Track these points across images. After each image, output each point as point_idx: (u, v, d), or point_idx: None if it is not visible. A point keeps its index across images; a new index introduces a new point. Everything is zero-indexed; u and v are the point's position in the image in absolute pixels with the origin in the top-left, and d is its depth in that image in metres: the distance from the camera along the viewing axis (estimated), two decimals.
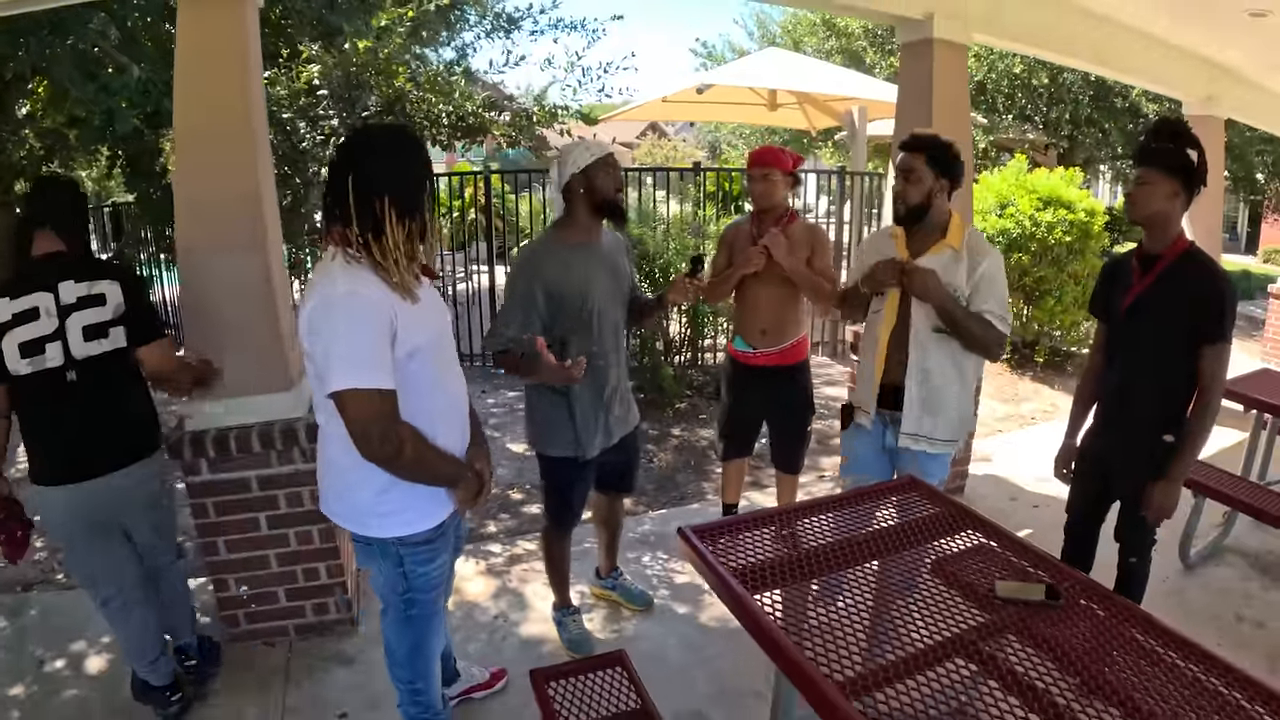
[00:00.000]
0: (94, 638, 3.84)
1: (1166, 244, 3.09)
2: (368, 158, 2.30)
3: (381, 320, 2.25)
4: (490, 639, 3.89)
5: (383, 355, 2.25)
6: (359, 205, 2.25)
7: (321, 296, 2.25)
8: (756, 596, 2.09)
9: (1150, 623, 2.09)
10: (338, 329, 2.21)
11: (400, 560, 2.56)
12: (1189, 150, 2.99)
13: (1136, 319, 3.19)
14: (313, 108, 6.12)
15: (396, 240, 2.28)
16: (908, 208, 3.31)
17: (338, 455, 2.43)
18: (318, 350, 2.24)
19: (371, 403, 2.21)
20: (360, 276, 2.26)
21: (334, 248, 2.32)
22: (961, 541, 2.52)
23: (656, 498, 5.66)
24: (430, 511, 2.55)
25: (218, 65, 3.40)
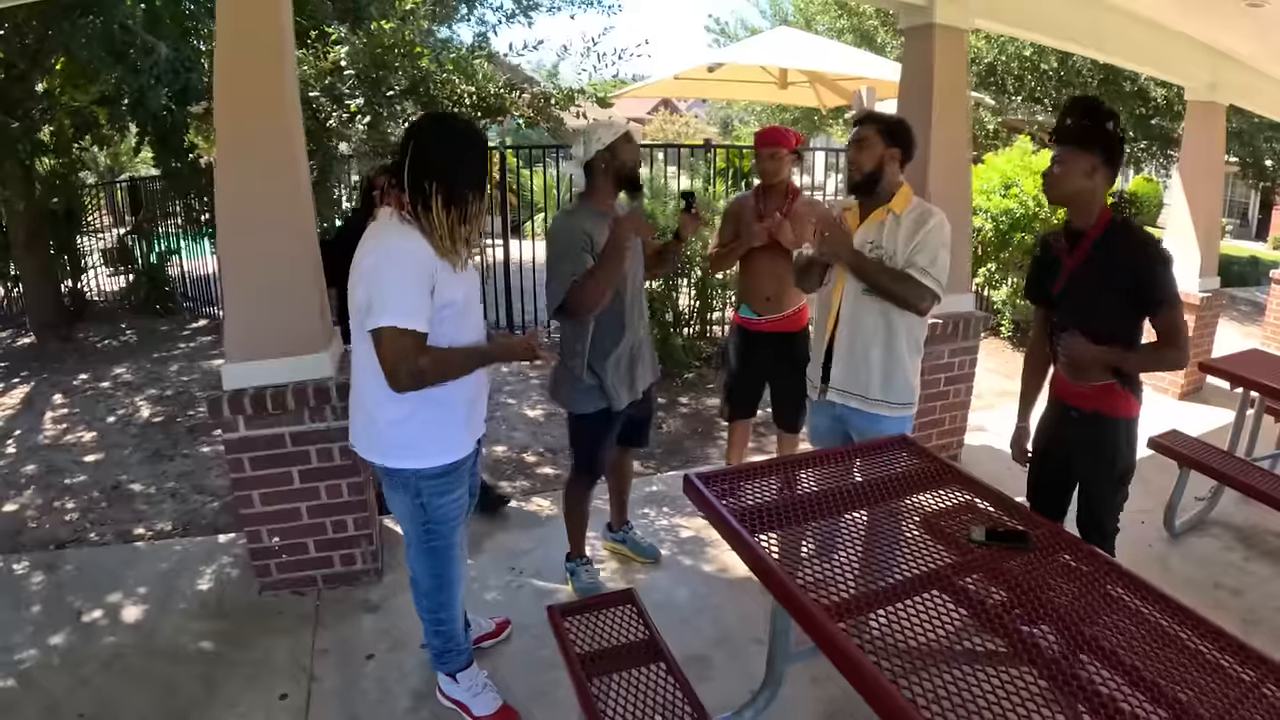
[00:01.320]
0: (131, 589, 4.02)
1: (1091, 220, 3.09)
2: (425, 142, 2.59)
3: (424, 272, 2.56)
4: (506, 588, 4.09)
5: (423, 301, 2.55)
6: (412, 181, 2.57)
7: (376, 246, 2.58)
8: (757, 536, 2.30)
9: (1115, 569, 2.29)
10: (386, 274, 2.52)
11: (418, 491, 2.83)
12: (1106, 124, 2.99)
13: (1073, 297, 3.18)
14: (338, 87, 6.29)
15: (441, 219, 2.57)
16: (861, 175, 3.40)
17: (366, 388, 2.75)
18: (367, 292, 2.54)
19: (404, 340, 2.51)
20: (410, 234, 2.58)
21: (391, 209, 2.65)
22: (945, 493, 2.72)
23: (665, 460, 5.88)
24: (446, 447, 2.84)
25: (257, 44, 3.58)
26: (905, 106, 5.11)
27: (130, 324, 10.22)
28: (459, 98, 7.03)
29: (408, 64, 6.56)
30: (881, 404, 3.49)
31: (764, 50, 9.78)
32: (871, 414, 3.51)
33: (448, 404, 2.79)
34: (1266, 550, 4.65)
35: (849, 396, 3.53)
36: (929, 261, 3.30)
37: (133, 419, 6.80)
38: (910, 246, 3.32)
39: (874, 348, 3.45)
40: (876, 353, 3.45)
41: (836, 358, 3.54)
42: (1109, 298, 3.04)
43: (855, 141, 3.43)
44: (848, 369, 3.51)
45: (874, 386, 3.48)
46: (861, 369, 3.48)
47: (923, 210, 3.38)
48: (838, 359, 3.54)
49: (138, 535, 4.74)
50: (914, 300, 3.32)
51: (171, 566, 4.22)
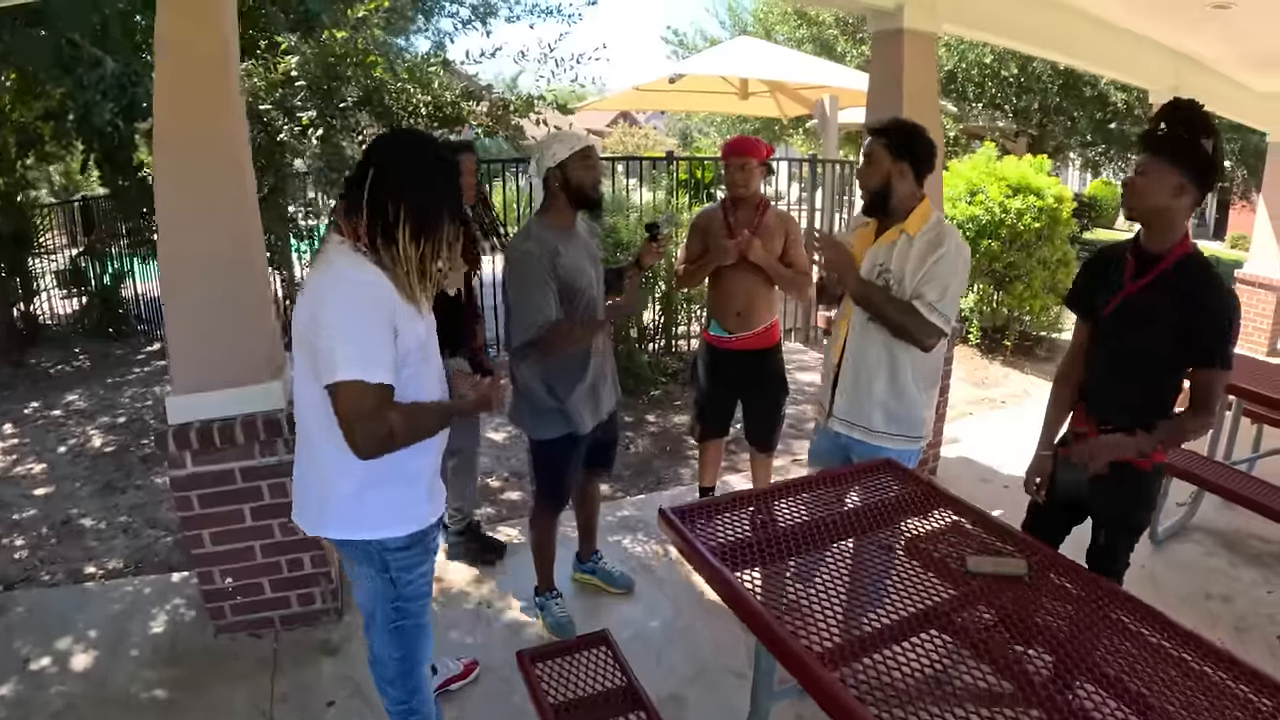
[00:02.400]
0: (81, 634, 3.84)
1: (1167, 245, 2.71)
2: (391, 161, 2.25)
3: (385, 311, 2.20)
4: (474, 626, 3.92)
5: (386, 347, 2.20)
6: (373, 206, 2.20)
7: (328, 280, 2.22)
8: (737, 574, 2.15)
9: (1116, 595, 2.16)
10: (343, 316, 2.16)
11: (386, 565, 2.47)
12: (1202, 140, 2.61)
13: (1122, 324, 2.84)
14: (290, 99, 6.11)
15: (409, 253, 2.22)
16: (868, 193, 3.23)
17: (319, 451, 2.38)
18: (320, 337, 2.16)
19: (369, 396, 2.14)
20: (365, 267, 2.22)
21: (343, 237, 2.28)
22: (934, 519, 2.59)
23: (634, 483, 5.69)
24: (413, 514, 2.48)
25: (197, 54, 3.40)
26: (874, 113, 4.99)
27: (84, 348, 9.90)
28: (415, 108, 6.86)
29: (360, 74, 6.38)
30: (884, 436, 3.32)
31: (725, 60, 9.77)
32: (875, 445, 3.32)
33: (412, 470, 2.43)
34: (1251, 554, 4.63)
35: (852, 428, 3.38)
36: (938, 295, 3.08)
37: (84, 449, 6.54)
38: (919, 275, 3.11)
39: (878, 380, 3.28)
40: (880, 385, 3.28)
41: (840, 388, 3.38)
42: (1163, 336, 2.71)
43: (862, 155, 3.25)
44: (851, 400, 3.36)
45: (877, 419, 3.31)
46: (865, 401, 3.32)
47: (937, 234, 3.14)
48: (841, 389, 3.38)
49: (89, 575, 4.52)
50: (918, 336, 3.13)
51: (123, 608, 4.03)
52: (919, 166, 3.18)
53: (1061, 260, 8.57)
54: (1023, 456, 3.37)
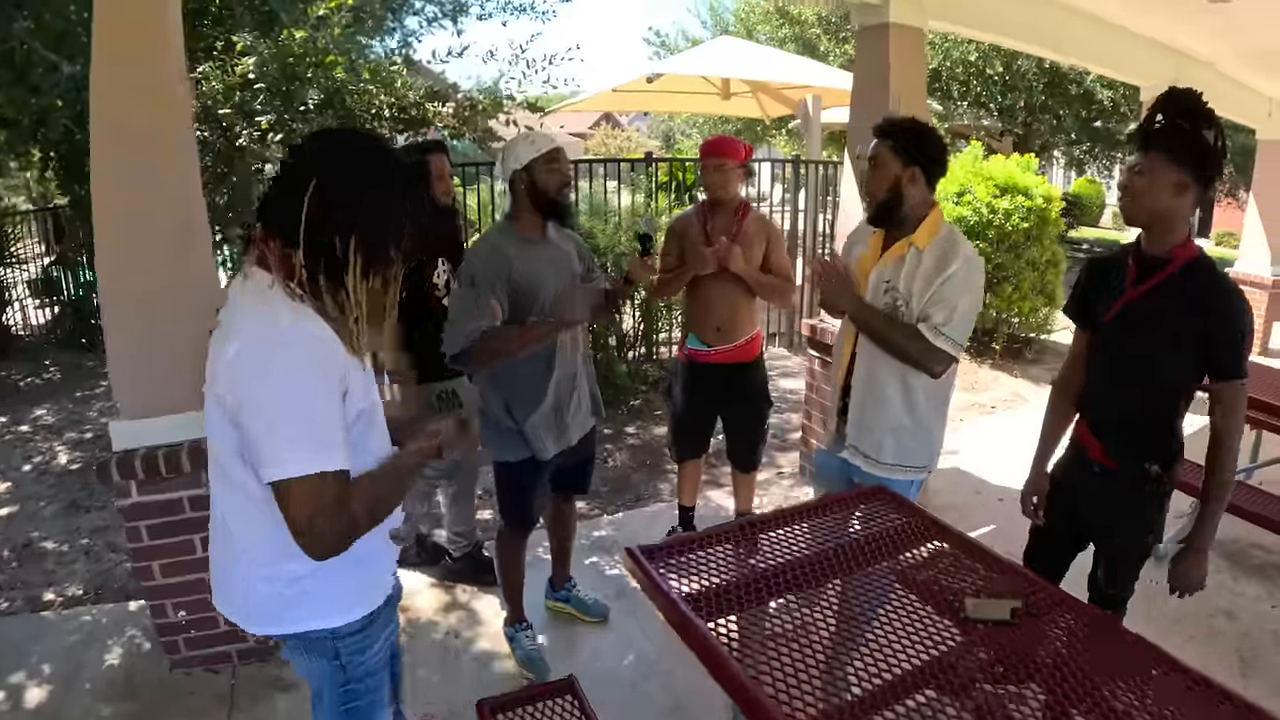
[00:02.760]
0: (35, 667, 3.67)
1: (1170, 247, 2.52)
2: (336, 179, 1.75)
3: (335, 374, 1.78)
4: (441, 659, 3.73)
5: (337, 423, 1.78)
6: (312, 232, 1.72)
7: (258, 333, 1.73)
8: (712, 625, 1.94)
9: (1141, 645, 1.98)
10: (289, 393, 1.70)
11: (336, 653, 2.05)
12: (1204, 130, 2.39)
13: (1123, 330, 2.64)
14: (249, 102, 5.90)
15: (358, 294, 1.78)
16: (874, 202, 2.95)
17: (250, 542, 1.91)
18: (254, 416, 1.71)
19: (325, 491, 1.72)
20: (306, 316, 1.77)
21: (266, 271, 1.79)
22: (929, 555, 2.39)
23: (611, 499, 5.51)
24: (366, 594, 2.09)
25: (137, 49, 3.19)
26: (860, 111, 4.84)
27: (55, 360, 9.74)
28: (378, 110, 6.62)
29: (320, 75, 6.14)
30: (895, 468, 3.08)
31: (705, 60, 9.70)
32: (882, 477, 3.05)
33: (365, 548, 1.92)
34: (1252, 566, 4.54)
35: (857, 455, 3.13)
36: (945, 318, 2.82)
37: (50, 466, 6.37)
38: (927, 296, 2.85)
39: (890, 407, 3.03)
40: (893, 413, 3.03)
41: (851, 413, 3.13)
42: (1167, 342, 2.53)
43: (869, 160, 2.97)
44: (860, 428, 3.10)
45: (887, 450, 3.06)
46: (876, 429, 3.06)
47: (948, 247, 2.87)
48: (852, 415, 3.13)
49: (47, 602, 4.36)
50: (924, 362, 2.88)
51: (80, 639, 3.86)
52: (931, 170, 2.92)
53: (1051, 261, 8.46)
54: (1017, 466, 3.19)
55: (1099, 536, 2.84)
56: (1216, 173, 2.46)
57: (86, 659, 3.71)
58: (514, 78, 7.32)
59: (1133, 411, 2.67)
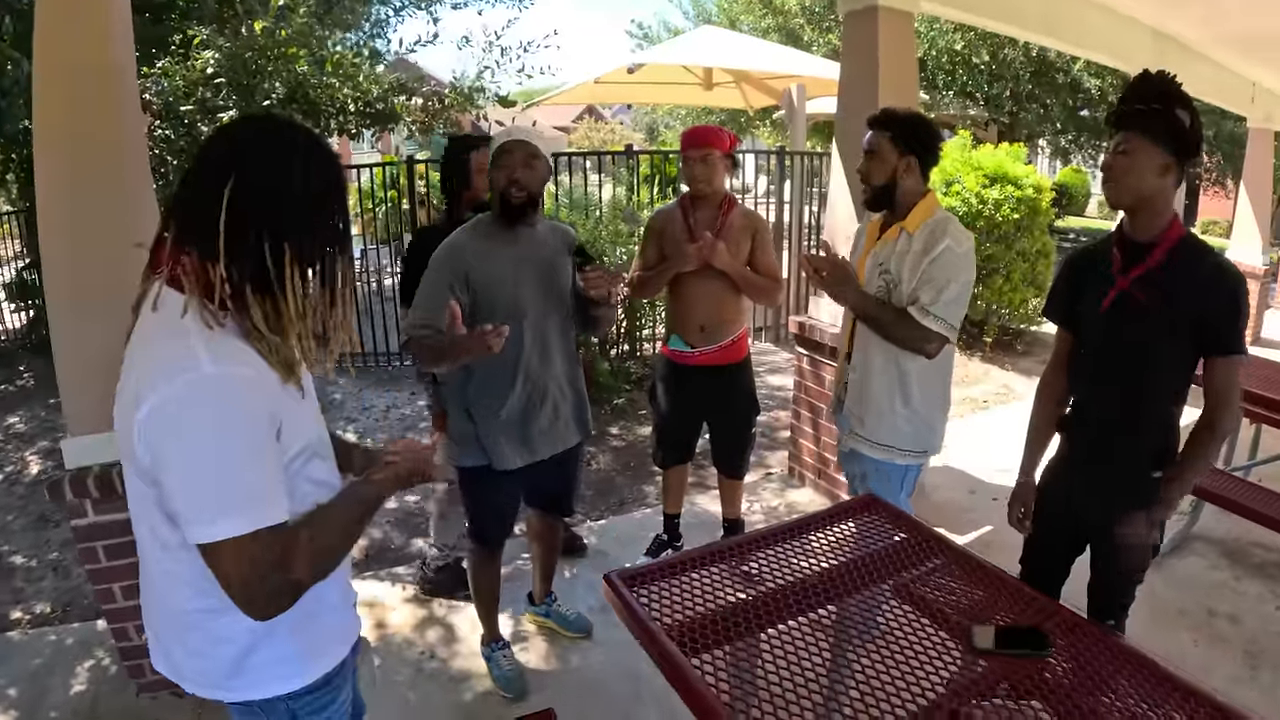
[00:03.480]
0: (1, 690, 3.55)
1: (1157, 232, 2.45)
2: (261, 163, 1.52)
3: (263, 419, 1.53)
4: (416, 678, 3.57)
5: (272, 472, 1.56)
6: (233, 238, 1.47)
7: (173, 384, 1.45)
8: (697, 661, 1.79)
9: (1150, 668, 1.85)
10: (204, 441, 1.46)
11: (291, 715, 1.82)
12: (1179, 111, 2.35)
13: (1119, 321, 2.53)
14: (211, 98, 5.73)
15: (299, 307, 1.55)
16: (871, 189, 3.04)
17: (187, 600, 1.66)
18: (171, 474, 1.48)
19: (260, 551, 1.49)
20: (226, 347, 1.50)
21: (179, 292, 1.53)
22: (927, 574, 2.25)
23: (595, 504, 5.36)
24: (326, 650, 1.85)
25: (79, 42, 3.03)
26: (847, 98, 4.70)
27: (29, 365, 9.55)
28: (343, 104, 6.46)
29: (282, 68, 5.97)
30: (893, 451, 3.16)
31: (687, 50, 9.61)
32: (882, 460, 3.18)
33: (317, 602, 1.71)
34: (1254, 565, 4.44)
35: (858, 439, 3.19)
36: (932, 297, 2.88)
37: (21, 477, 6.23)
38: (916, 277, 2.92)
39: (884, 390, 3.11)
40: (887, 396, 3.11)
41: (849, 395, 3.22)
42: (1168, 329, 2.43)
43: (866, 150, 3.04)
44: (856, 409, 3.20)
45: (884, 432, 3.14)
46: (872, 411, 3.15)
47: (934, 230, 2.94)
48: (850, 397, 3.22)
49: (14, 621, 4.24)
50: (915, 344, 2.94)
51: (45, 662, 3.73)
52: (926, 159, 3.01)
53: (1041, 251, 8.37)
54: (1011, 463, 3.06)
55: (1096, 540, 2.71)
56: (1195, 153, 2.42)
57: (51, 684, 3.58)
58: (488, 65, 7.15)
59: (1128, 407, 2.58)
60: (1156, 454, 2.55)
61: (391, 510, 5.10)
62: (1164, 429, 2.57)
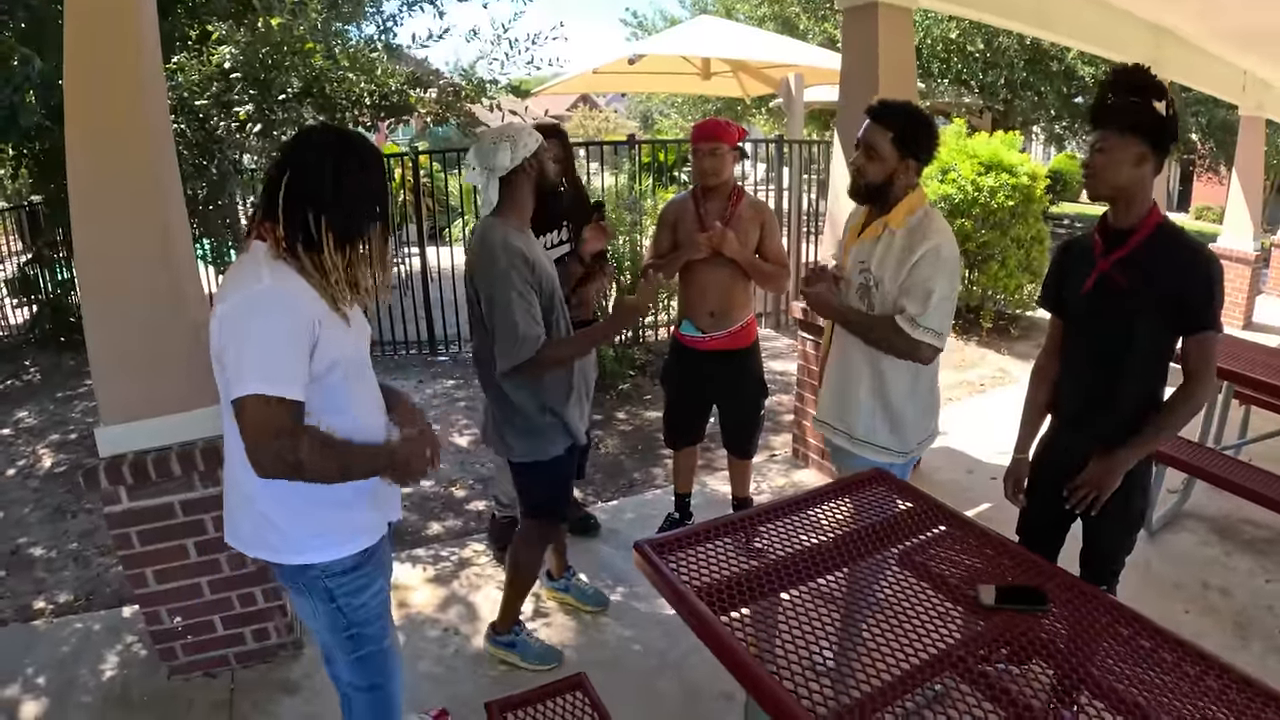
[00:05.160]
0: (30, 680, 3.59)
1: (1136, 219, 2.57)
2: (306, 164, 2.05)
3: (301, 324, 2.02)
4: (440, 655, 3.67)
5: (298, 362, 2.01)
6: (289, 213, 2.03)
7: (241, 292, 2.01)
8: (725, 619, 1.92)
9: (1139, 622, 1.98)
10: (252, 327, 1.97)
11: (330, 594, 2.26)
12: (1155, 102, 2.44)
13: (1101, 302, 2.66)
14: (226, 93, 5.79)
15: (334, 261, 2.07)
16: (867, 186, 2.93)
17: (236, 469, 2.17)
18: (229, 352, 1.99)
19: (274, 412, 1.95)
20: (285, 274, 2.04)
21: (262, 242, 2.08)
22: (933, 540, 2.38)
23: (606, 486, 5.47)
24: (352, 535, 2.27)
25: (111, 41, 3.08)
26: (848, 92, 4.79)
27: (34, 360, 9.55)
28: (358, 97, 6.51)
29: (299, 62, 6.03)
30: (868, 447, 3.10)
31: (686, 40, 9.64)
32: (857, 456, 3.12)
33: (346, 493, 2.18)
34: (1244, 540, 4.55)
35: (835, 433, 3.17)
36: (920, 308, 2.81)
37: (34, 470, 6.26)
38: (900, 278, 2.85)
39: (860, 387, 3.06)
40: (863, 393, 3.06)
41: (825, 386, 3.20)
42: (1146, 309, 2.56)
43: (863, 145, 2.91)
44: (834, 404, 3.17)
45: (860, 427, 3.09)
46: (848, 406, 3.11)
47: (920, 229, 2.86)
48: (825, 388, 3.20)
49: (38, 610, 4.27)
50: (910, 355, 2.90)
51: (72, 649, 3.78)
52: (924, 161, 2.92)
53: (1036, 238, 8.47)
54: (1008, 443, 3.17)
55: (1094, 517, 2.82)
56: (1172, 140, 2.54)
57: (81, 670, 3.63)
58: (496, 58, 7.20)
59: (1108, 384, 2.71)
60: (1136, 428, 2.67)
61: (408, 495, 5.18)
62: (1143, 406, 2.69)
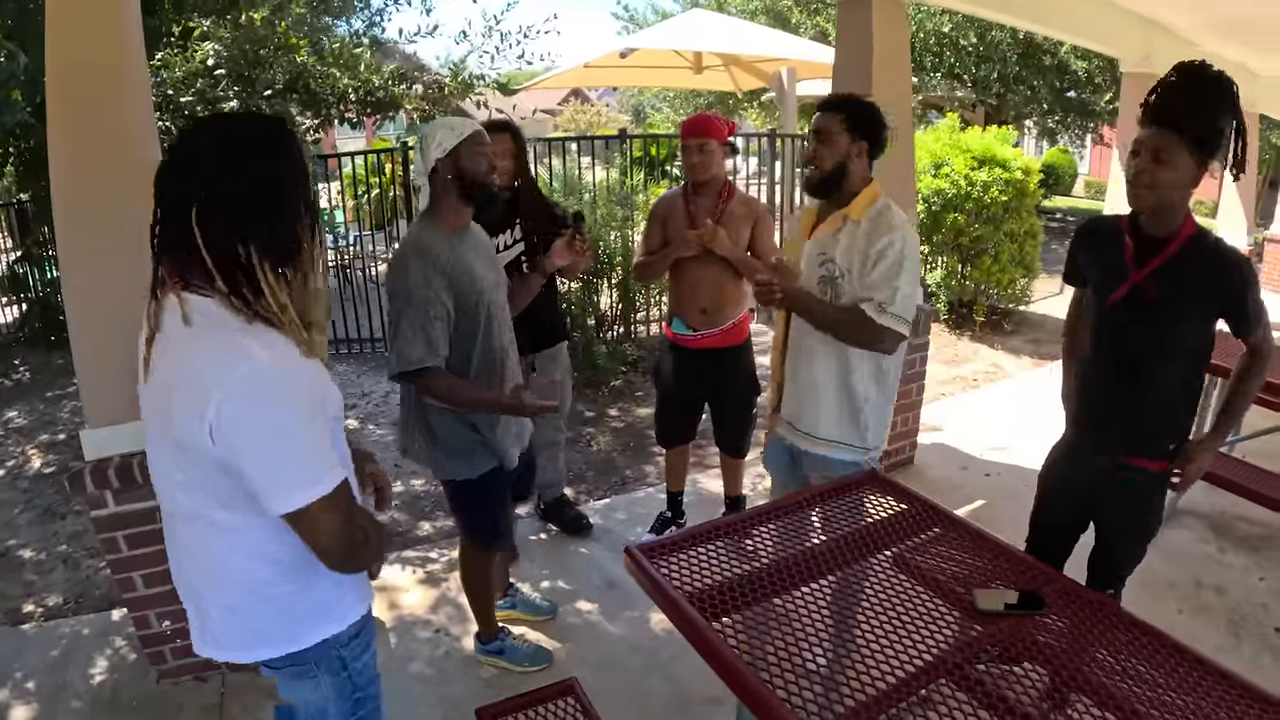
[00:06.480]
0: (19, 685, 3.57)
1: (1175, 227, 2.47)
2: (215, 180, 1.59)
3: (315, 392, 1.71)
4: (431, 656, 3.65)
5: (328, 439, 1.72)
6: (214, 252, 1.58)
7: (233, 380, 1.56)
8: (717, 625, 1.90)
9: (1138, 626, 1.96)
10: (275, 425, 1.61)
11: (344, 663, 1.99)
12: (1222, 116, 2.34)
13: (1132, 313, 2.57)
14: (211, 89, 5.74)
15: (280, 300, 1.65)
16: (821, 174, 2.88)
17: (243, 574, 1.80)
18: (250, 460, 1.60)
19: (338, 507, 1.68)
20: (267, 336, 1.63)
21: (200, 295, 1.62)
22: (928, 542, 2.36)
23: (598, 484, 5.44)
24: (363, 590, 2.03)
25: (93, 35, 3.03)
26: (841, 86, 4.74)
27: (24, 359, 9.53)
28: (343, 93, 6.46)
29: (283, 58, 5.98)
30: (833, 445, 3.01)
31: (678, 34, 9.61)
32: (821, 455, 3.03)
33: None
34: (1239, 538, 4.53)
35: (796, 434, 3.07)
36: (887, 295, 2.75)
37: (23, 471, 6.23)
38: (867, 269, 2.79)
39: (824, 380, 2.96)
40: (827, 386, 2.96)
41: (786, 388, 3.11)
42: (1181, 318, 2.50)
43: (815, 133, 2.89)
44: (794, 402, 3.07)
45: (823, 425, 2.99)
46: (810, 404, 3.01)
47: (881, 220, 2.83)
48: (787, 390, 3.11)
49: (27, 614, 4.25)
50: (873, 344, 2.83)
51: (61, 653, 3.76)
52: (875, 148, 2.89)
53: (1029, 232, 8.47)
54: (1002, 440, 3.16)
55: (1101, 520, 2.82)
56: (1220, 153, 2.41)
57: (71, 673, 3.61)
58: (487, 52, 7.15)
59: (1142, 393, 2.62)
60: (1164, 435, 2.65)
61: (398, 493, 5.18)
62: (1174, 409, 2.65)
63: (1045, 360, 7.93)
